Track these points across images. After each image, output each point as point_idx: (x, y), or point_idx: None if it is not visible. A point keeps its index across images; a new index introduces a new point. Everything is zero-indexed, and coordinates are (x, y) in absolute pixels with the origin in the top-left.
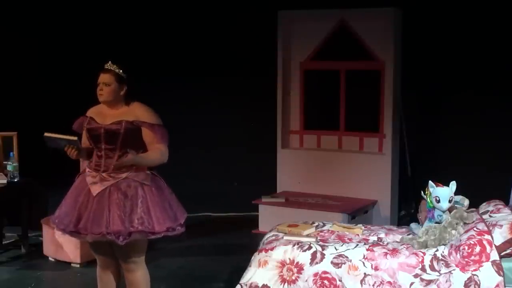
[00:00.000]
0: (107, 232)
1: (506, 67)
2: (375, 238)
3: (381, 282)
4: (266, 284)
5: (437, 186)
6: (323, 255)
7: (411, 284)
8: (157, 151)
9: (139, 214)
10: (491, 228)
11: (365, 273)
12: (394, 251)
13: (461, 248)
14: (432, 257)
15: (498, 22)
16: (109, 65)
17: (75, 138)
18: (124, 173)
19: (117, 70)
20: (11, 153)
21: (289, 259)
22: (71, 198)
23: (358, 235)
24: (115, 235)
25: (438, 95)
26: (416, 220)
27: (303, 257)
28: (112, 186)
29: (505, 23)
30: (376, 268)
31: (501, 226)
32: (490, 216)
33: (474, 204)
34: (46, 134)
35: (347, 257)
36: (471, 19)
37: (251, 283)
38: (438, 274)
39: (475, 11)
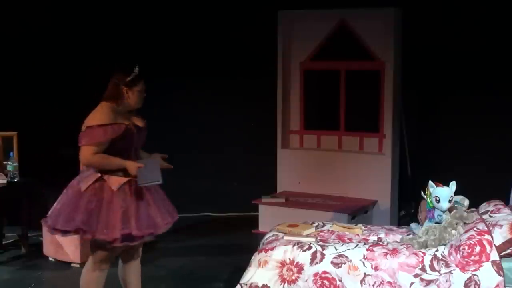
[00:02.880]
0: (173, 220)
1: (506, 67)
2: (375, 238)
3: (381, 282)
4: (266, 284)
5: (437, 186)
6: (323, 255)
7: (411, 284)
8: None
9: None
10: (491, 228)
11: (365, 273)
12: (394, 251)
13: (461, 248)
14: (432, 257)
15: (498, 22)
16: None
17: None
18: None
19: None
20: (11, 153)
21: (289, 259)
22: (103, 207)
23: (358, 235)
24: (174, 222)
25: (438, 95)
26: (416, 220)
27: (303, 257)
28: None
29: (505, 23)
30: (376, 268)
31: (501, 226)
32: (490, 216)
33: (474, 204)
34: (139, 184)
35: (347, 257)
36: (471, 19)
37: (251, 283)
38: (438, 274)
39: (475, 11)
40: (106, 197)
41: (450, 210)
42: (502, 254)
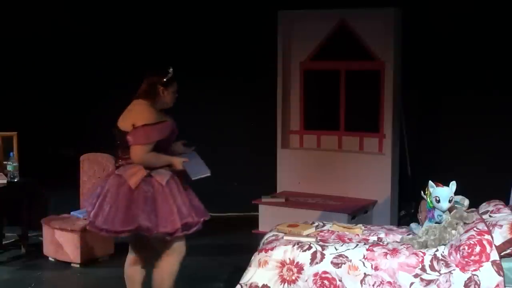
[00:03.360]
0: None
1: (506, 67)
2: (375, 238)
3: (381, 282)
4: (266, 284)
5: (437, 186)
6: (323, 255)
7: (411, 284)
8: None
9: None
10: (491, 228)
11: (365, 273)
12: (394, 251)
13: (461, 248)
14: (432, 257)
15: (498, 22)
16: None
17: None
18: None
19: None
20: (11, 153)
21: (289, 259)
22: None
23: (358, 235)
24: None
25: (438, 95)
26: (416, 220)
27: (303, 257)
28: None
29: (505, 23)
30: (376, 268)
31: (501, 226)
32: (490, 216)
33: (474, 204)
34: (193, 178)
35: (347, 257)
36: (471, 18)
37: (251, 283)
38: (438, 274)
39: (475, 11)
40: (157, 192)
41: (450, 210)
42: (502, 254)
